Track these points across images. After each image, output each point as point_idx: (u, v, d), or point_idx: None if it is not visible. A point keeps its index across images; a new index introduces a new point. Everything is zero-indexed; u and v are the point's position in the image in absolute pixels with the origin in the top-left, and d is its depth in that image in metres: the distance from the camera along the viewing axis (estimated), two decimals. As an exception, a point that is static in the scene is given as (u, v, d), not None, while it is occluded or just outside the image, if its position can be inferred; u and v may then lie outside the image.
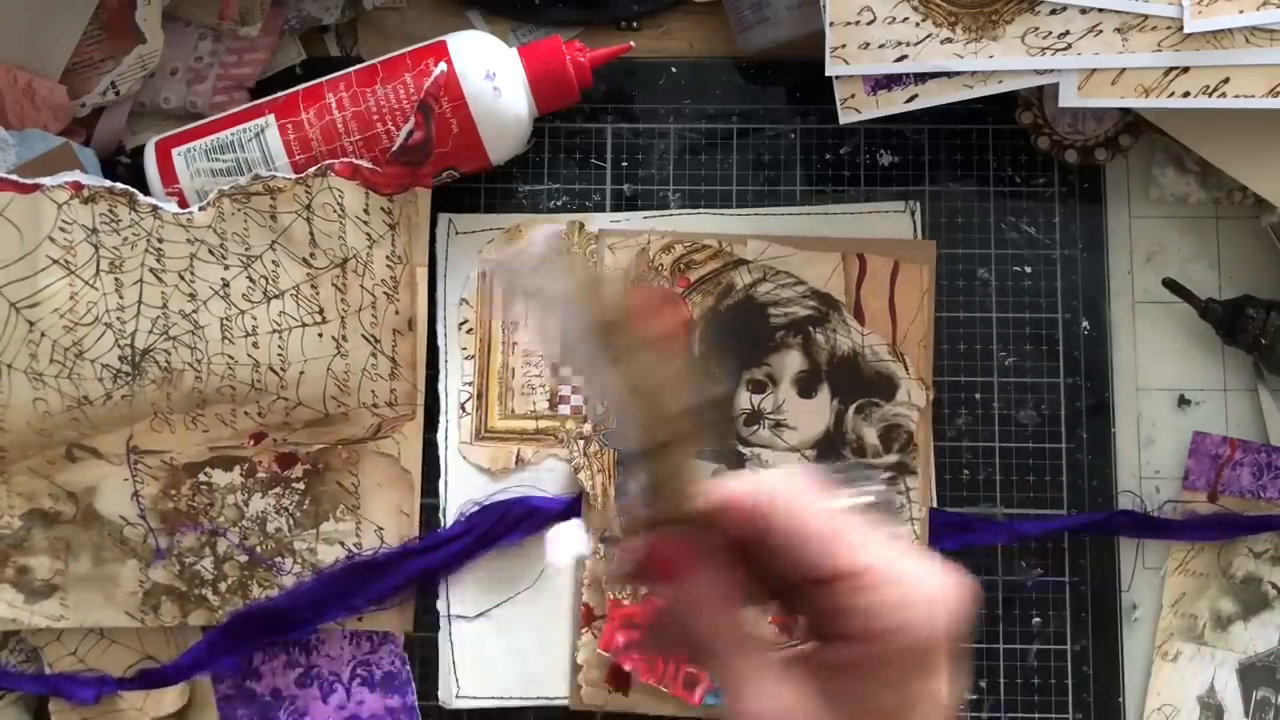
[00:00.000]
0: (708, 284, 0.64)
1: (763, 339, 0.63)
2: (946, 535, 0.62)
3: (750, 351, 0.63)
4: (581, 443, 0.63)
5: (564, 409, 0.64)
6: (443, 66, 0.59)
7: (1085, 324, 0.64)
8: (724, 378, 0.63)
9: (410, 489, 0.63)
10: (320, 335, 0.60)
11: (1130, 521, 0.63)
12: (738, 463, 0.62)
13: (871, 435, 0.62)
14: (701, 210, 0.65)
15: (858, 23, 0.58)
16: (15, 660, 0.63)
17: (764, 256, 0.63)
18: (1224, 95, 0.57)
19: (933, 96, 0.59)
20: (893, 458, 0.62)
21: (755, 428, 0.63)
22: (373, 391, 0.62)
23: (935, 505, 0.63)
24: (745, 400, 0.63)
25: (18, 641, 0.63)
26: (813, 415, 0.62)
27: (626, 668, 0.61)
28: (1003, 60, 0.58)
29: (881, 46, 0.58)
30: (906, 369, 0.62)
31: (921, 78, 0.59)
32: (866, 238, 0.64)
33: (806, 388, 0.63)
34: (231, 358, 0.60)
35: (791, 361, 0.63)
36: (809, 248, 0.63)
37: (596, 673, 0.62)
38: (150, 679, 0.62)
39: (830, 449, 0.62)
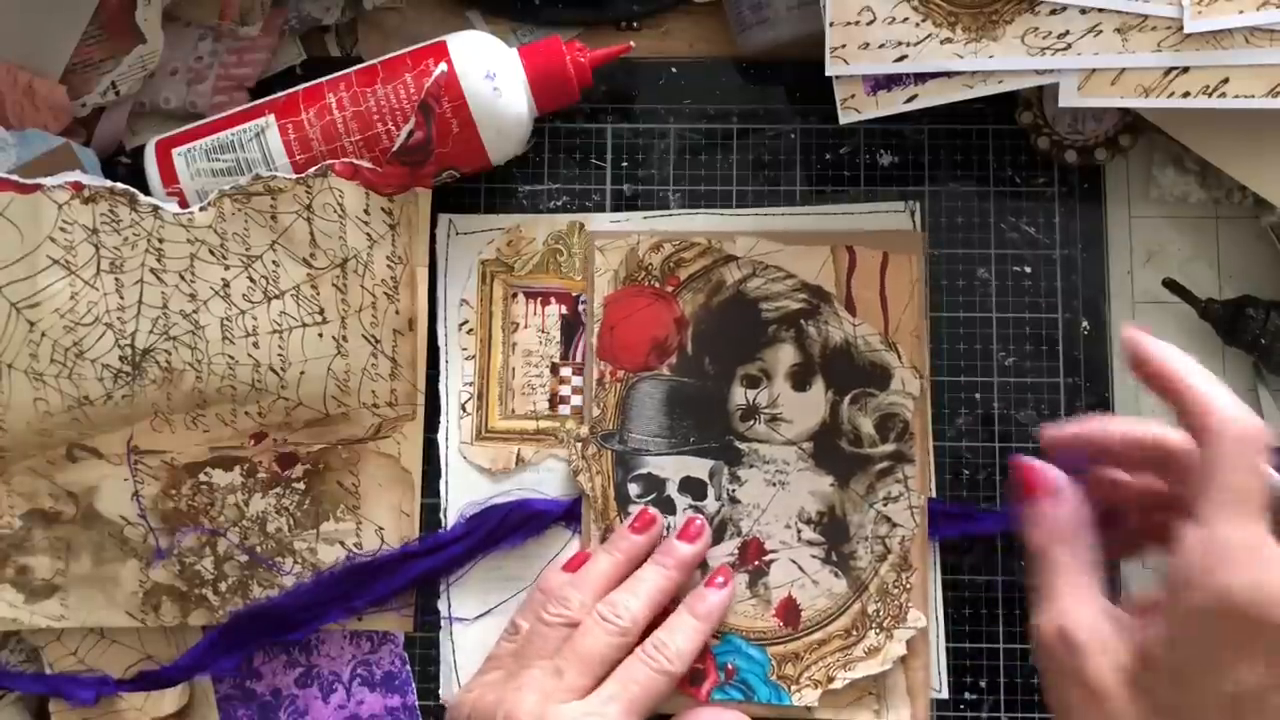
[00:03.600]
0: (698, 282, 0.64)
1: (755, 334, 0.63)
2: (945, 524, 0.62)
3: (743, 347, 0.63)
4: (580, 445, 0.63)
5: (564, 409, 0.64)
6: (443, 66, 0.59)
7: (1085, 324, 0.64)
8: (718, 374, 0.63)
9: (410, 489, 0.63)
10: (320, 335, 0.60)
11: (1130, 521, 0.63)
12: (735, 458, 0.62)
13: (868, 425, 0.62)
14: (701, 210, 0.65)
15: (858, 23, 0.58)
16: (15, 660, 0.63)
17: (753, 252, 0.63)
18: (1224, 95, 0.57)
19: (933, 96, 0.59)
20: (890, 447, 0.62)
21: (751, 423, 0.63)
22: (373, 391, 0.62)
23: (934, 496, 0.63)
24: (740, 396, 0.63)
25: (18, 641, 0.63)
26: (808, 408, 0.62)
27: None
28: (1003, 60, 0.58)
29: (881, 46, 0.58)
30: (900, 358, 0.62)
31: (921, 78, 0.59)
32: (855, 230, 0.64)
33: (801, 381, 0.63)
34: (232, 358, 0.60)
35: (785, 355, 0.63)
36: (797, 242, 0.63)
37: (596, 673, 0.62)
38: (150, 679, 0.62)
39: (827, 440, 0.62)
